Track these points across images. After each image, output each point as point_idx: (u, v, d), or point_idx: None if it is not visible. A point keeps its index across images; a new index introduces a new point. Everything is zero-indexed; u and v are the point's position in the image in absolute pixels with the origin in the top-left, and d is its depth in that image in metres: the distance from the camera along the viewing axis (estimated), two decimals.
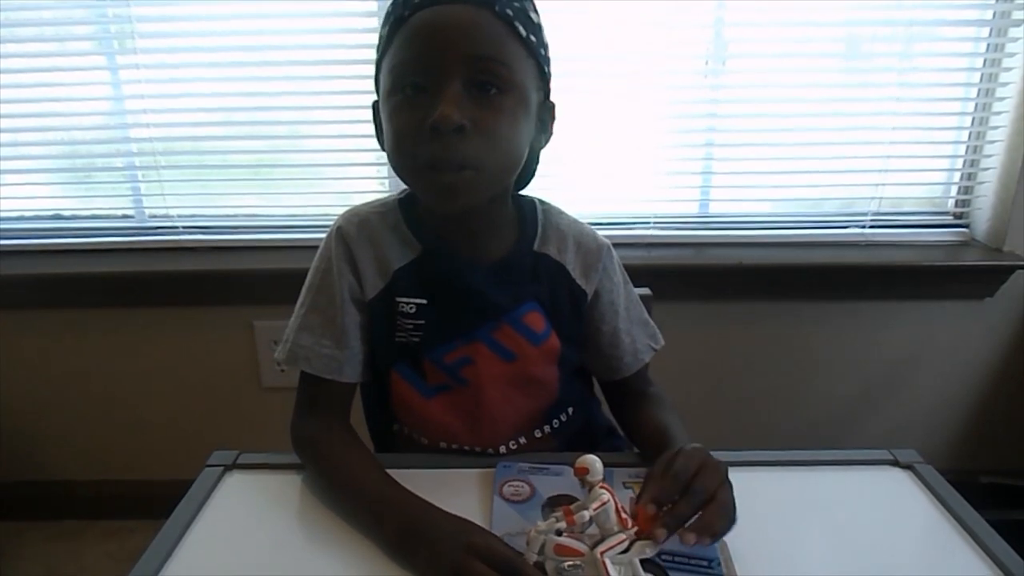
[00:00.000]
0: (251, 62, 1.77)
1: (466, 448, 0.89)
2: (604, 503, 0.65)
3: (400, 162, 0.77)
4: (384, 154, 0.82)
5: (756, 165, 1.83)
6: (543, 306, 0.88)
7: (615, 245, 0.98)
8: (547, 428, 0.93)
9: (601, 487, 0.66)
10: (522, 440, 0.91)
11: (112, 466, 2.06)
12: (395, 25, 0.77)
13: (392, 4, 0.79)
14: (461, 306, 0.84)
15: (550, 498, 0.78)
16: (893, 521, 0.80)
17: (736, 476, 0.71)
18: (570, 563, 0.64)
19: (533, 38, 0.78)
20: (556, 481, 0.81)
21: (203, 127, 1.84)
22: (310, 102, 1.80)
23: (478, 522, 0.70)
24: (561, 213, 0.92)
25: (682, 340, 1.44)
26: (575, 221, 0.93)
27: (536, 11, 0.81)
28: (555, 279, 0.88)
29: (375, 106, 0.84)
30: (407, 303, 0.84)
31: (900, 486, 0.87)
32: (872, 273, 1.86)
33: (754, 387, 1.97)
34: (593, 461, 0.66)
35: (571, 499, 0.71)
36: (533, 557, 0.65)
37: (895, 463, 0.91)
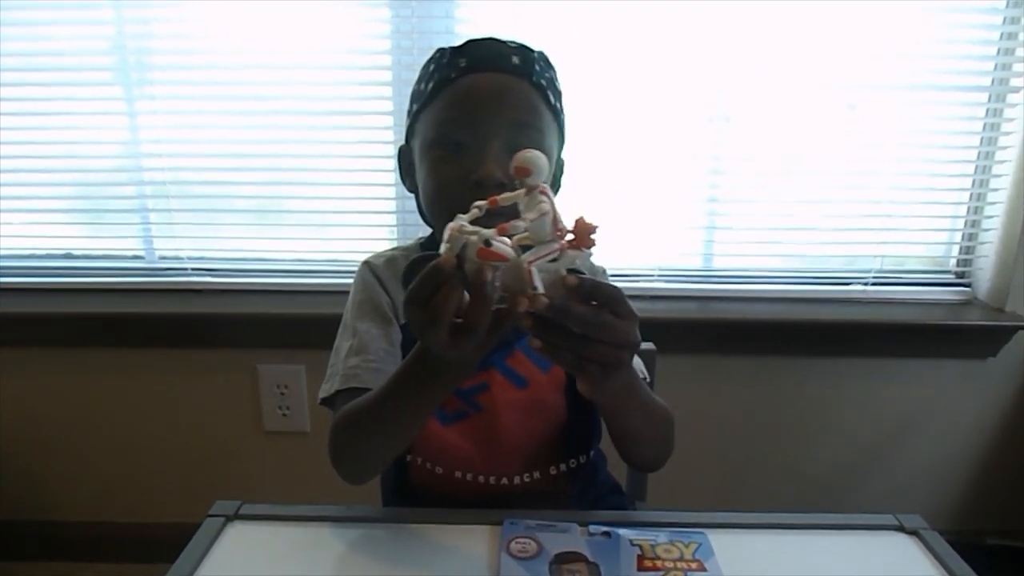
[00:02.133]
0: (266, 104, 1.77)
1: (480, 479, 0.90)
2: (543, 214, 0.59)
3: (438, 210, 0.82)
4: (393, 201, 0.84)
5: (759, 220, 1.84)
6: None
7: None
8: (563, 467, 0.94)
9: (541, 192, 0.60)
10: (536, 475, 0.91)
11: (113, 507, 2.04)
12: (440, 84, 0.84)
13: (436, 63, 0.85)
14: None
15: (557, 555, 0.77)
16: None
17: (735, 539, 0.71)
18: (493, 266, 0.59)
19: (558, 105, 0.86)
20: (563, 538, 0.80)
21: (216, 169, 1.84)
22: (322, 150, 1.82)
23: None
24: None
25: (684, 394, 1.44)
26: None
27: (558, 79, 0.88)
28: None
29: (402, 151, 0.90)
30: None
31: (905, 552, 0.85)
32: (874, 330, 1.86)
33: (754, 443, 1.95)
34: (536, 158, 0.60)
35: (578, 556, 0.70)
36: (451, 258, 0.59)
37: (900, 528, 0.90)
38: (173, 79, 1.79)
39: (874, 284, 1.91)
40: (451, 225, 0.59)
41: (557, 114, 0.86)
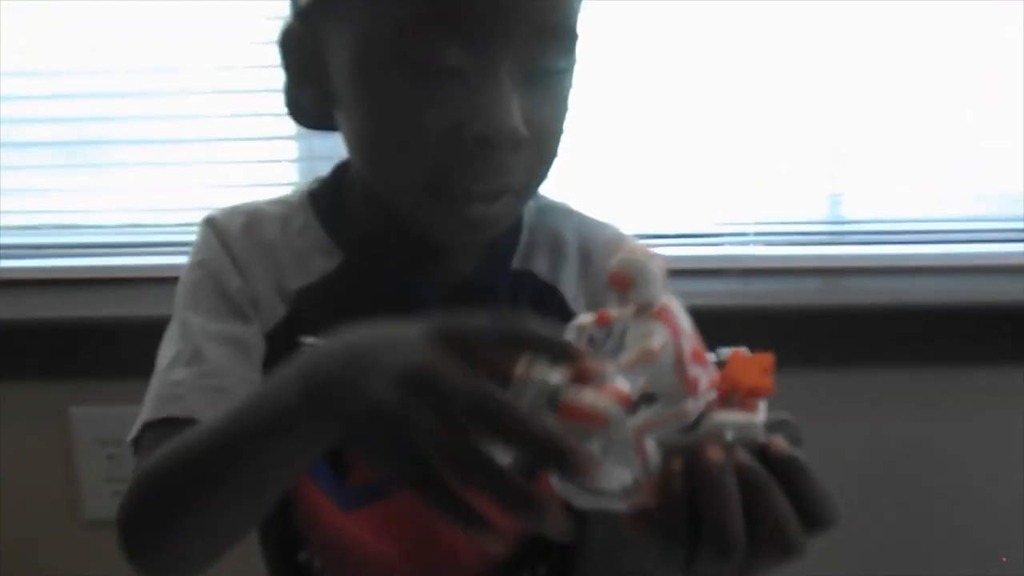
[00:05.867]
0: None
1: None
2: (654, 349, 0.40)
3: (398, 179, 0.64)
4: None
5: (916, 142, 1.28)
6: None
7: (688, 273, 0.91)
8: (541, 572, 0.78)
9: (656, 314, 0.41)
10: None
11: None
12: None
13: None
14: None
15: None
16: None
17: None
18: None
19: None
20: None
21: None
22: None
23: None
24: (568, 212, 0.79)
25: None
26: (591, 222, 0.79)
27: None
28: (541, 311, 0.61)
29: (291, 35, 0.66)
30: (313, 344, 0.67)
31: None
32: None
33: (900, 493, 1.41)
34: (644, 260, 0.42)
35: None
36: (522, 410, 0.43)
37: None
38: None
39: None
40: (517, 371, 0.44)
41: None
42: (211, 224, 0.75)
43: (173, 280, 0.76)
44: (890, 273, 1.31)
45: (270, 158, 1.27)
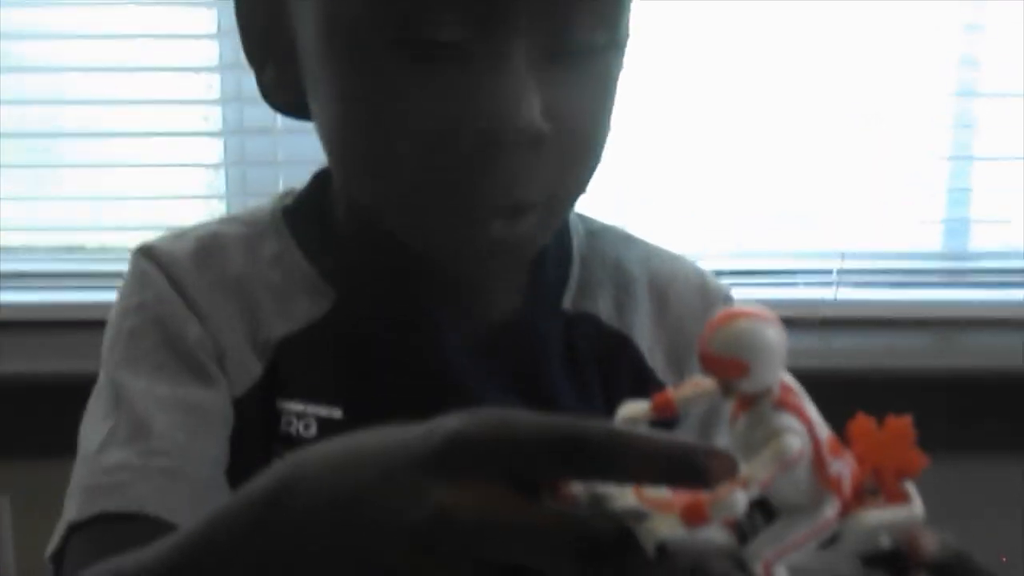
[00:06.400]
0: None
1: None
2: (793, 456, 0.34)
3: (381, 191, 0.56)
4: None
5: None
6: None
7: None
8: None
9: (779, 403, 0.35)
10: None
11: None
12: None
13: None
14: (417, 422, 0.50)
15: None
16: None
17: None
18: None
19: None
20: None
21: None
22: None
23: None
24: (628, 239, 0.69)
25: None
26: (660, 253, 0.69)
27: None
28: (610, 366, 0.64)
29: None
30: (298, 416, 0.60)
31: None
32: None
33: None
34: (759, 332, 0.35)
35: None
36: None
37: None
38: None
39: None
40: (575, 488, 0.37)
41: None
42: (149, 255, 0.63)
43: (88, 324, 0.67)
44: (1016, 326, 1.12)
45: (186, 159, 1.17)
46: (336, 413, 0.62)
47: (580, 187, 0.58)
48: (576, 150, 0.55)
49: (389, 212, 0.57)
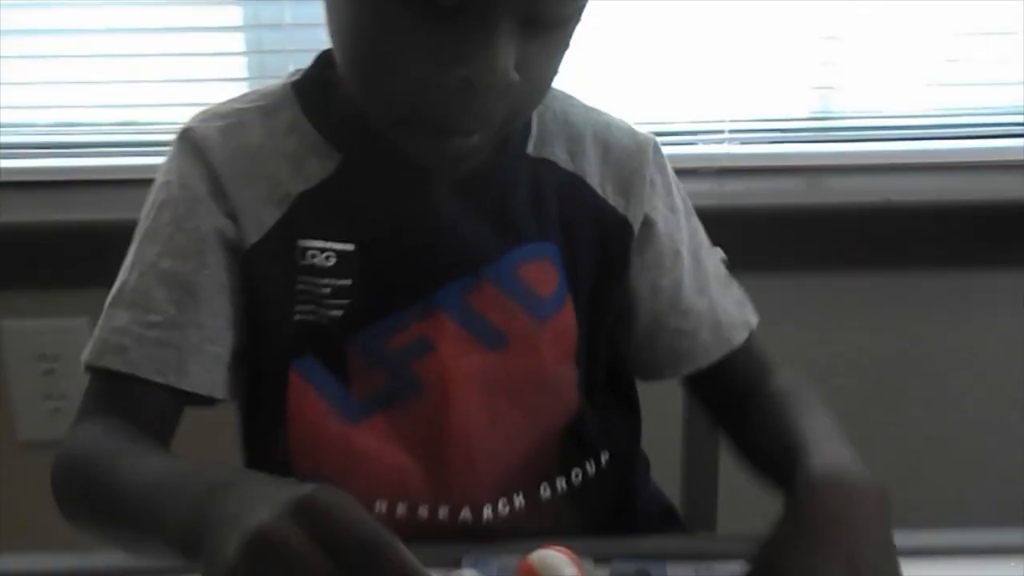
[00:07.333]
0: None
1: (421, 511, 0.71)
2: None
3: (375, 105, 0.64)
4: None
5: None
6: (553, 251, 0.73)
7: None
8: (562, 483, 0.73)
9: None
10: (519, 500, 0.72)
11: None
12: None
13: None
14: (414, 251, 0.68)
15: None
16: None
17: None
18: None
19: None
20: None
21: None
22: None
23: None
24: (570, 99, 0.76)
25: (773, 334, 0.86)
26: (595, 111, 0.76)
27: None
28: (569, 202, 0.72)
29: None
30: (320, 250, 0.68)
31: None
32: None
33: (883, 409, 1.36)
34: (558, 566, 0.50)
35: None
36: None
37: None
38: None
39: None
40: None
41: None
42: (187, 137, 0.70)
43: (109, 183, 0.69)
44: (877, 171, 1.25)
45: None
46: (350, 248, 0.69)
47: (531, 110, 0.66)
48: (533, 94, 0.63)
49: (377, 119, 0.64)
